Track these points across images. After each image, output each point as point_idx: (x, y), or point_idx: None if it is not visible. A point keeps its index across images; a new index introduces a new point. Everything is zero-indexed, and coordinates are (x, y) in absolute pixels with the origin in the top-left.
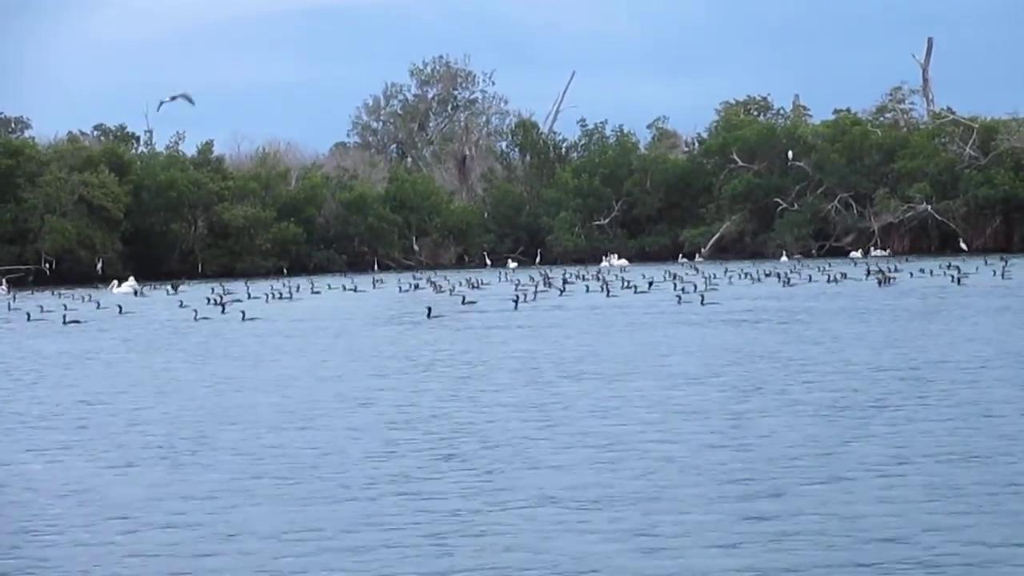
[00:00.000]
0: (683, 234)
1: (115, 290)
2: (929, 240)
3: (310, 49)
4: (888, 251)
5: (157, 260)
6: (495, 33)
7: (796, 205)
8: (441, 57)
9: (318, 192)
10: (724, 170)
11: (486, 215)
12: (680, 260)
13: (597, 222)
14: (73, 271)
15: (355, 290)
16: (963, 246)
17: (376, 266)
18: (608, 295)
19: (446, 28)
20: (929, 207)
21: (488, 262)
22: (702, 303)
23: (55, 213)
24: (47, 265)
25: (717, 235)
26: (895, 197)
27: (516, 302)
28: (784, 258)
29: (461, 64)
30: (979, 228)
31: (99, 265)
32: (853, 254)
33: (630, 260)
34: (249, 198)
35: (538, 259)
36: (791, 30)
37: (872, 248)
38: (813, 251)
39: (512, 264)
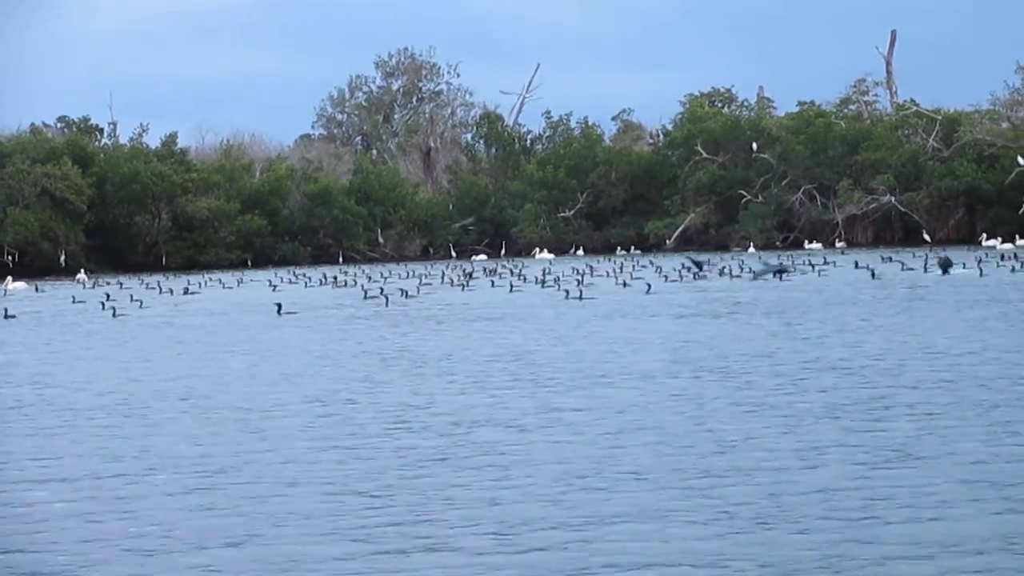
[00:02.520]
0: (648, 226)
1: (10, 286)
2: (893, 232)
3: (274, 41)
4: (844, 244)
5: (121, 253)
6: (460, 25)
7: (760, 197)
8: (406, 49)
9: (283, 184)
10: (689, 162)
11: (451, 207)
12: (618, 252)
13: (562, 214)
14: (36, 263)
15: (268, 283)
16: (926, 238)
17: (341, 258)
18: (511, 290)
19: (410, 20)
20: (893, 199)
21: (454, 254)
22: (580, 299)
23: (17, 205)
24: (10, 258)
25: (682, 227)
26: (859, 189)
27: (387, 299)
28: (752, 249)
29: (426, 56)
30: (942, 220)
31: (62, 258)
32: (810, 245)
33: (596, 252)
34: (213, 190)
35: (503, 251)
36: (755, 22)
37: (837, 240)
38: (777, 242)
39: (480, 256)
